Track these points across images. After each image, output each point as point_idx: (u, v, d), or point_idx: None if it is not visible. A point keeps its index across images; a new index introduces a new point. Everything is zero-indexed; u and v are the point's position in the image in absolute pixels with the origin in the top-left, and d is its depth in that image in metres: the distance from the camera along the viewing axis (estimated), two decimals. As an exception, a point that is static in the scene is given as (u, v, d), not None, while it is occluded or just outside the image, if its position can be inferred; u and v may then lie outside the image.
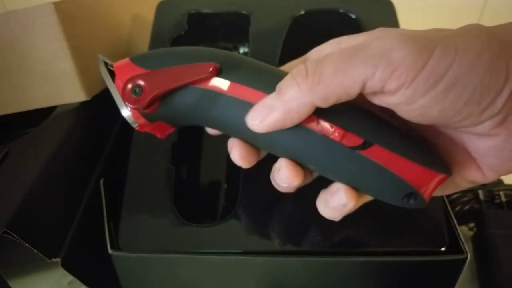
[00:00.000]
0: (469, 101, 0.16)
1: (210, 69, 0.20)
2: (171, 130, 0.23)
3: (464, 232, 0.41)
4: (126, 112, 0.21)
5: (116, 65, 0.21)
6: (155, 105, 0.21)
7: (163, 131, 0.23)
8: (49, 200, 0.28)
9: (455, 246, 0.27)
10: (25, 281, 0.27)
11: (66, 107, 0.33)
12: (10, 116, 0.34)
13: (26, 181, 0.27)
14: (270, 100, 0.19)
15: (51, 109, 0.34)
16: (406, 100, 0.17)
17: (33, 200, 0.26)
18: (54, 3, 0.30)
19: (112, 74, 0.21)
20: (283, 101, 0.18)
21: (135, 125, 0.21)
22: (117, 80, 0.21)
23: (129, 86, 0.20)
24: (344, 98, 0.18)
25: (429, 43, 0.17)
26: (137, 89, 0.20)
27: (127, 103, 0.20)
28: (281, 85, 0.19)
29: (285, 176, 0.21)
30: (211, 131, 0.24)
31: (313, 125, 0.19)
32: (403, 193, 0.20)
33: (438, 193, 0.22)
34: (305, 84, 0.18)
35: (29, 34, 0.31)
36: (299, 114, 0.18)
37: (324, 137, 0.19)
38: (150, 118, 0.21)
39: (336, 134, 0.19)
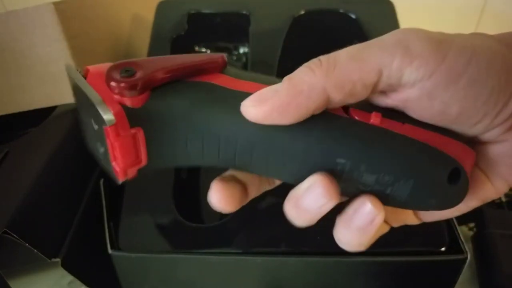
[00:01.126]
0: (488, 100, 0.16)
1: (220, 59, 0.18)
2: (139, 163, 0.18)
3: (464, 232, 0.41)
4: (98, 100, 0.16)
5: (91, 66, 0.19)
6: (146, 95, 0.17)
7: (132, 154, 0.18)
8: (49, 200, 0.28)
9: (455, 246, 0.27)
10: (25, 281, 0.27)
11: (66, 107, 0.33)
12: (10, 116, 0.34)
13: (26, 181, 0.27)
14: (275, 85, 0.17)
15: (51, 109, 0.34)
16: (428, 94, 0.17)
17: (33, 200, 0.26)
18: (54, 3, 0.30)
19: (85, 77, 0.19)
20: (292, 84, 0.16)
21: (109, 118, 0.16)
22: (90, 73, 0.18)
23: (117, 68, 0.17)
24: (359, 88, 0.17)
25: (446, 38, 0.16)
26: (128, 69, 0.17)
27: (112, 83, 0.17)
28: (291, 74, 0.17)
29: (320, 194, 0.17)
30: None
31: (338, 111, 0.18)
32: (448, 170, 0.18)
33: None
34: (319, 69, 0.16)
35: (29, 34, 0.31)
36: (309, 100, 0.16)
37: (350, 119, 0.18)
38: (132, 116, 0.17)
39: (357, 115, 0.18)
